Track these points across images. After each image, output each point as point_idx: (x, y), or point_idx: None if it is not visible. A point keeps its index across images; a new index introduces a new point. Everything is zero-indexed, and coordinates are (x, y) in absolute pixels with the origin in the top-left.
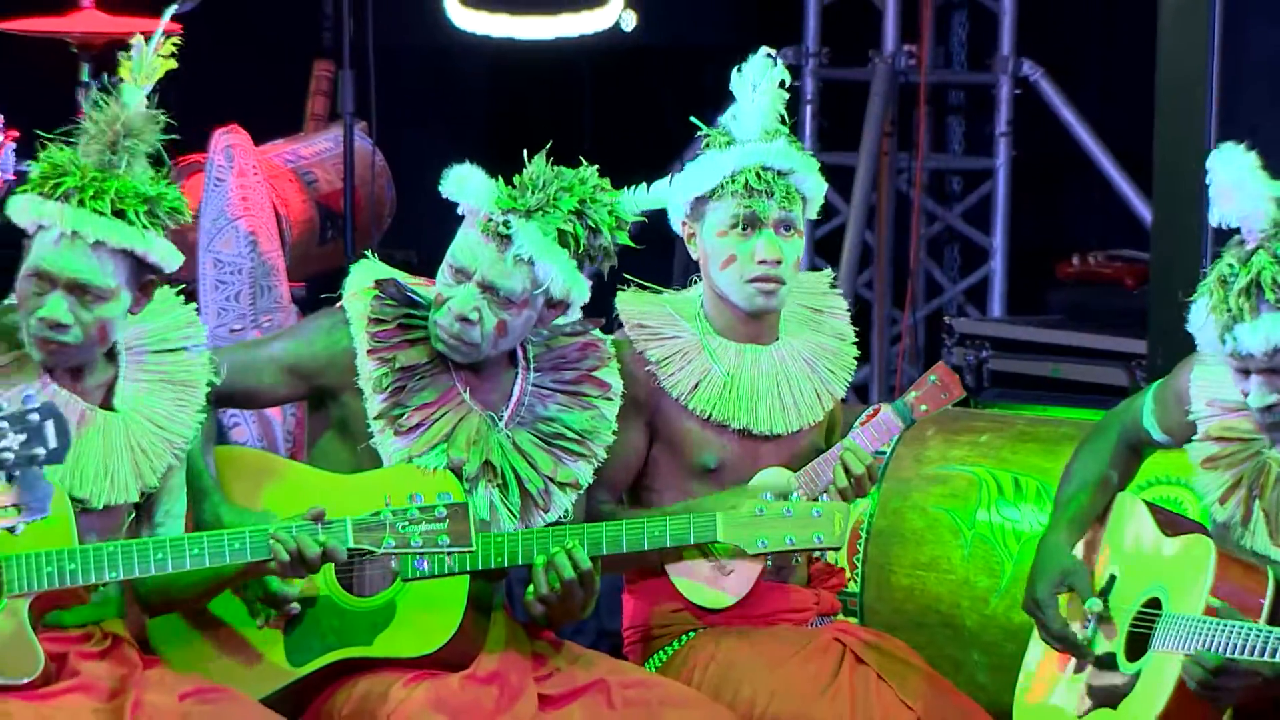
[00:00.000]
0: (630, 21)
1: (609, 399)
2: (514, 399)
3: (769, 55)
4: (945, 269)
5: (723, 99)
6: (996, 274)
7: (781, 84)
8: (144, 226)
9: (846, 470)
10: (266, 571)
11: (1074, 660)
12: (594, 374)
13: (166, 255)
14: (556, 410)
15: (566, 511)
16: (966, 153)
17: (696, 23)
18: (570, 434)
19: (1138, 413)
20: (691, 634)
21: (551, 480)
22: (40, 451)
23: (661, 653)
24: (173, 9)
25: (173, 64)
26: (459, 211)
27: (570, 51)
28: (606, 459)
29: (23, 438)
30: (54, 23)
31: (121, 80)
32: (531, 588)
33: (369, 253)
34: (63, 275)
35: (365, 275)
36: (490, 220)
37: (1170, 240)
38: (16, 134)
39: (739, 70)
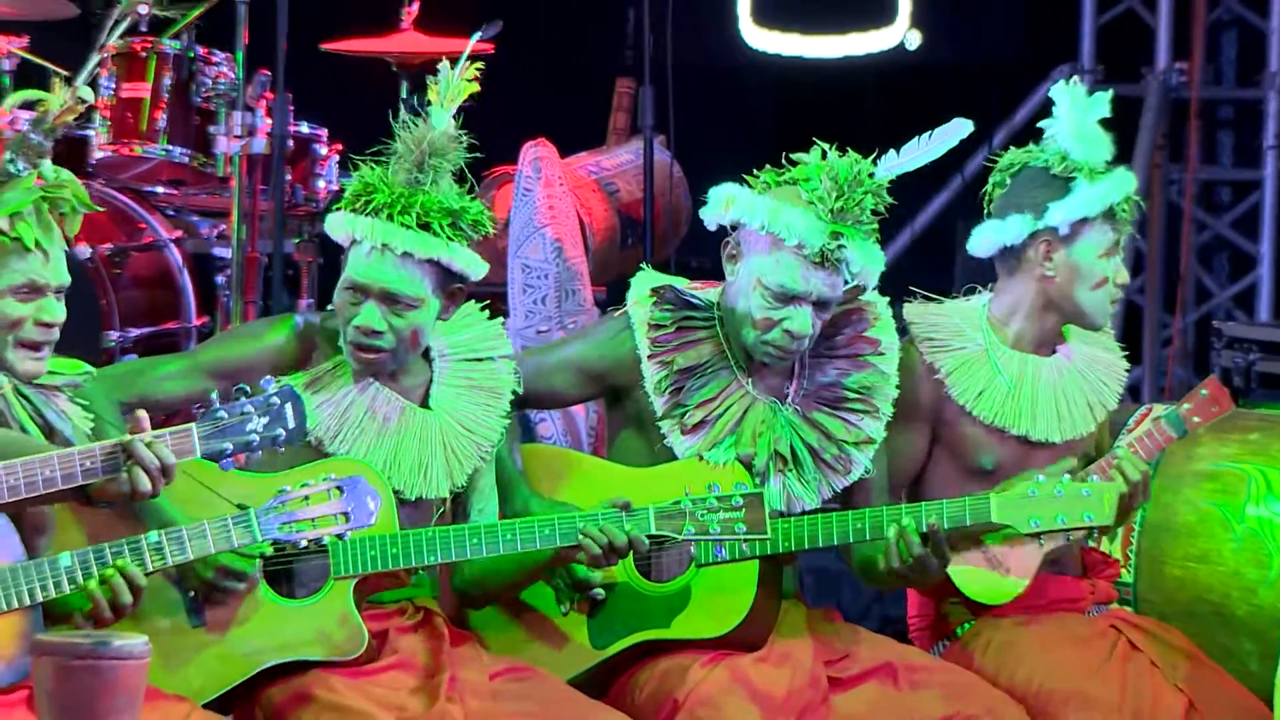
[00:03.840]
0: (915, 40)
1: (882, 354)
2: (795, 378)
3: (1078, 80)
4: (1214, 275)
5: (1004, 114)
6: (1264, 280)
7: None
8: (448, 238)
9: (1124, 477)
10: (574, 559)
11: None
12: (864, 334)
13: (471, 264)
14: (835, 375)
15: (867, 469)
16: (1235, 165)
17: (978, 41)
18: (852, 394)
19: None
20: (971, 622)
21: (845, 442)
22: (280, 433)
23: (945, 639)
24: (476, 37)
25: (475, 88)
26: (742, 234)
27: (856, 69)
28: (890, 461)
29: (265, 420)
30: (375, 43)
31: (429, 103)
32: (882, 561)
33: (644, 265)
34: (375, 286)
35: (646, 283)
36: (823, 251)
37: None
38: (340, 148)
39: (1060, 92)
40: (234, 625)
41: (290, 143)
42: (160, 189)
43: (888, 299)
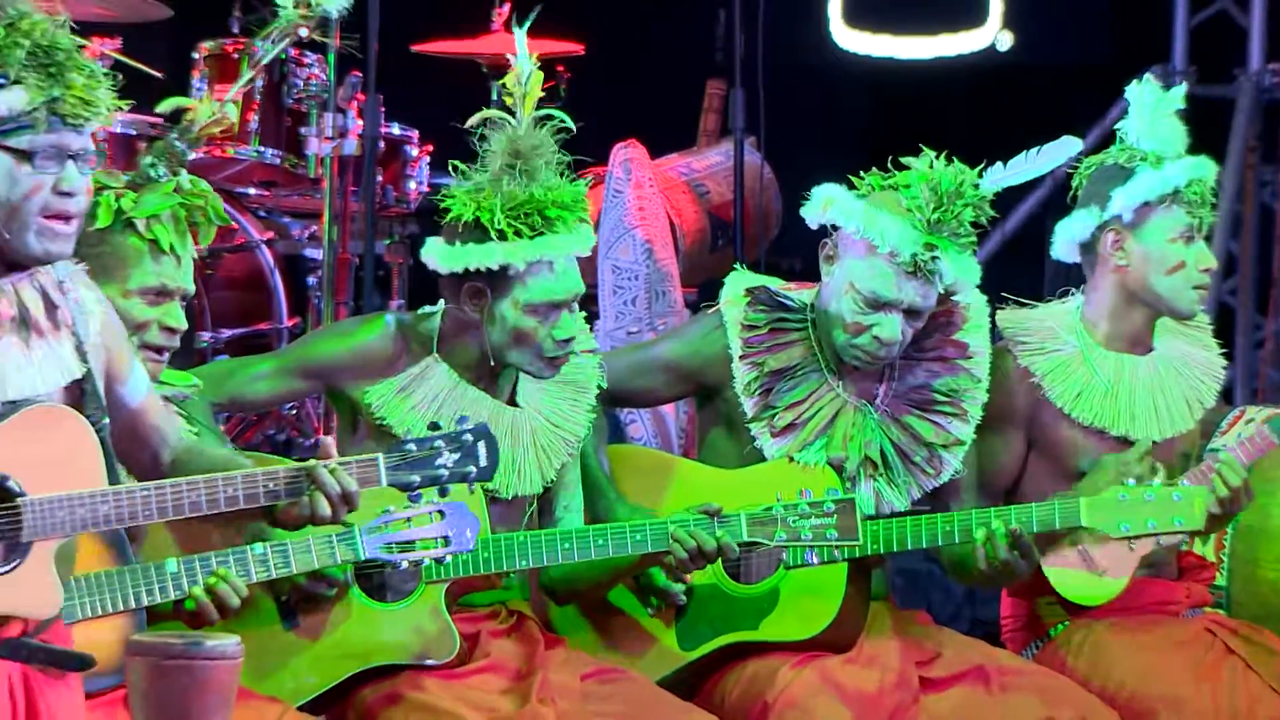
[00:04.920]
0: (1006, 41)
1: (970, 357)
2: (885, 381)
3: (1153, 78)
4: None
5: (1094, 116)
6: None
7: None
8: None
9: (1225, 482)
10: (663, 563)
11: None
12: (952, 337)
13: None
14: (924, 377)
15: (957, 470)
16: None
17: (1069, 43)
18: (941, 396)
19: None
20: (1065, 624)
21: (934, 445)
22: (471, 470)
23: (1038, 641)
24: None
25: (540, 91)
26: (839, 236)
27: (947, 71)
28: (987, 466)
29: (457, 456)
30: (466, 44)
31: (513, 105)
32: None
33: (738, 265)
34: (572, 295)
35: (739, 284)
36: (916, 260)
37: None
38: (431, 149)
39: (1136, 90)
40: (326, 629)
41: (381, 144)
42: (252, 190)
43: (985, 296)
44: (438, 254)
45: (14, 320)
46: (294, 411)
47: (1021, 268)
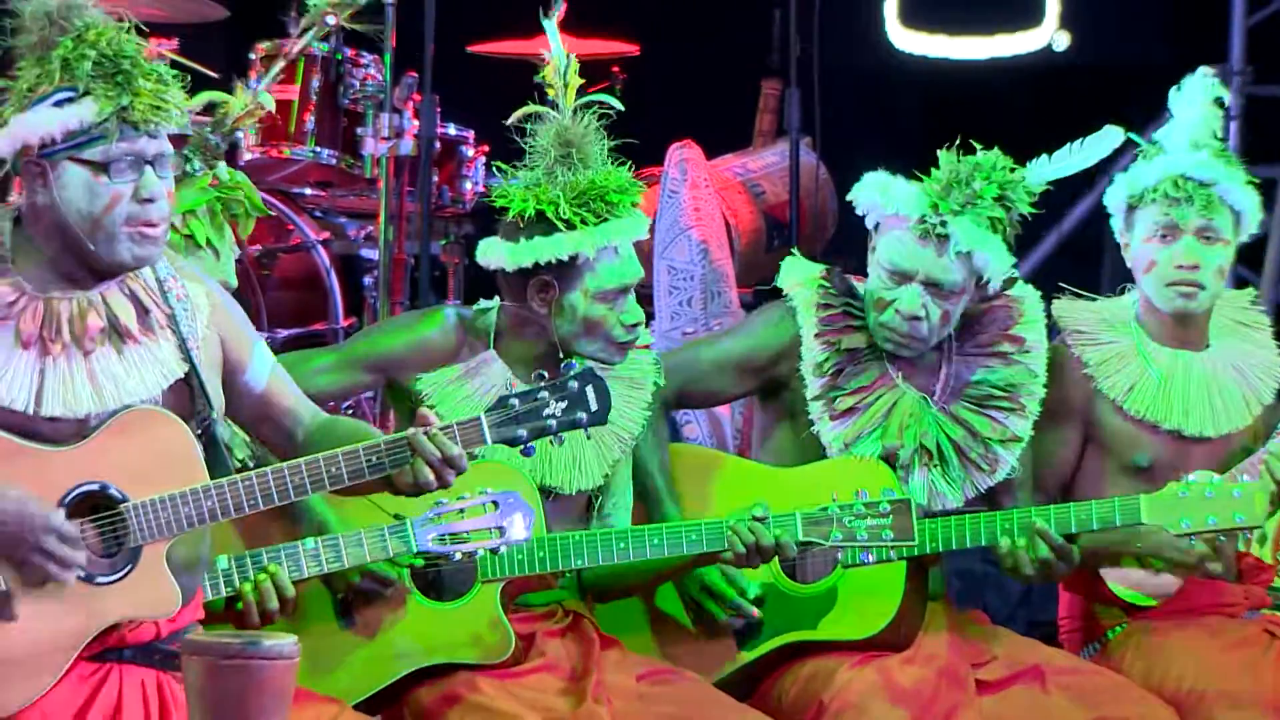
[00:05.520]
0: (1062, 42)
1: (1028, 351)
2: (943, 374)
3: (1206, 73)
4: None
5: (1151, 116)
6: None
7: (1218, 101)
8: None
9: (1274, 476)
10: (719, 562)
11: None
12: (1009, 331)
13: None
14: (982, 373)
15: (1013, 468)
16: None
17: (1126, 42)
18: (998, 391)
19: None
20: (1124, 625)
21: (990, 440)
22: (581, 415)
23: (1095, 642)
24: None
25: (579, 81)
26: (871, 218)
27: (1003, 71)
28: (1043, 460)
29: (564, 404)
30: (522, 45)
31: (552, 99)
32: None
33: (794, 250)
34: (635, 279)
35: (794, 273)
36: (925, 223)
37: None
38: (487, 149)
39: (1177, 88)
40: (382, 628)
41: (437, 144)
42: (308, 190)
43: (1040, 293)
44: (503, 252)
45: (104, 331)
46: (350, 409)
47: (1079, 268)
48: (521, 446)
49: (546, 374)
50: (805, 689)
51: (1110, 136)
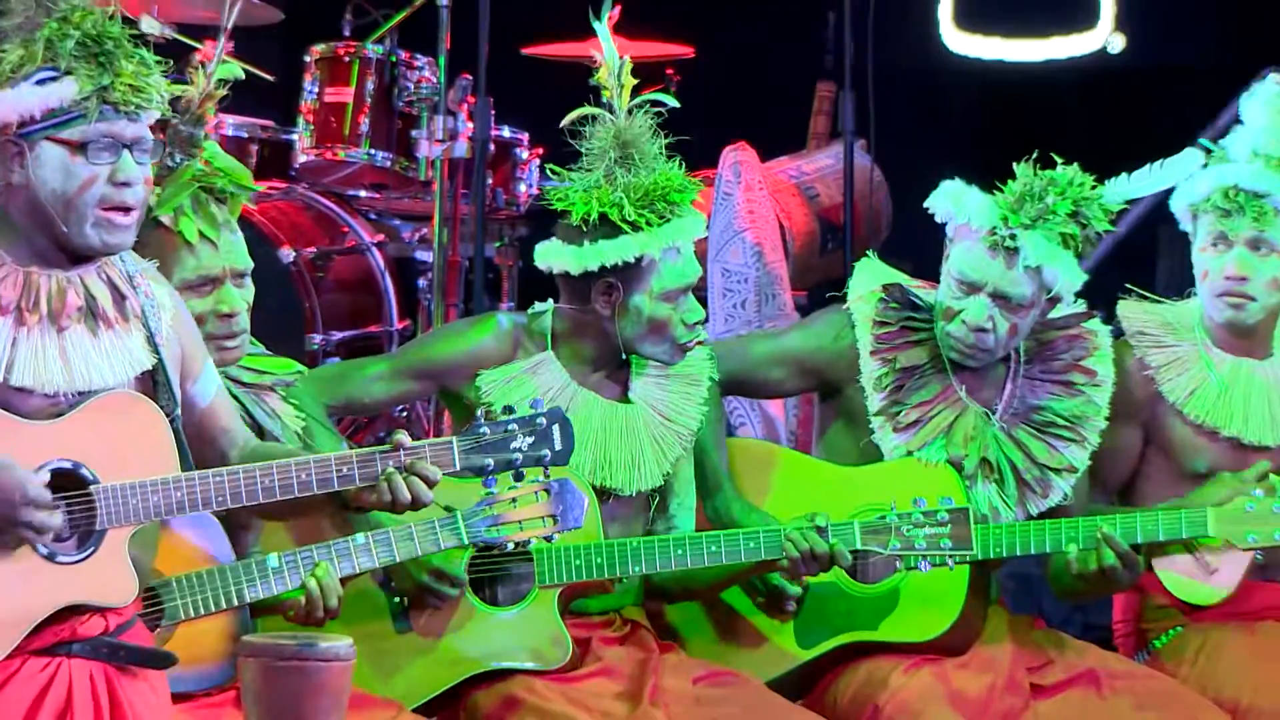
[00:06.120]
0: (1117, 44)
1: (1097, 385)
2: (1007, 393)
3: (1276, 80)
4: None
5: (1207, 119)
6: None
7: None
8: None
9: None
10: (777, 569)
11: None
12: (1081, 363)
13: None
14: (1048, 399)
15: (1066, 496)
16: None
17: (1183, 43)
18: (1061, 420)
19: None
20: (1179, 629)
21: (1046, 467)
22: (546, 453)
23: (1150, 646)
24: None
25: (633, 81)
26: (948, 227)
27: (1058, 73)
28: (1102, 459)
29: (531, 440)
30: (576, 47)
31: (607, 100)
32: (1074, 567)
33: (870, 253)
34: (695, 278)
35: (868, 275)
36: (995, 235)
37: None
38: (541, 152)
39: (1249, 93)
40: (440, 631)
41: (491, 147)
42: (363, 193)
43: (1110, 329)
44: (567, 255)
45: (81, 310)
46: (405, 414)
47: (1133, 271)
48: (484, 478)
49: (514, 407)
50: (860, 692)
51: (1189, 158)
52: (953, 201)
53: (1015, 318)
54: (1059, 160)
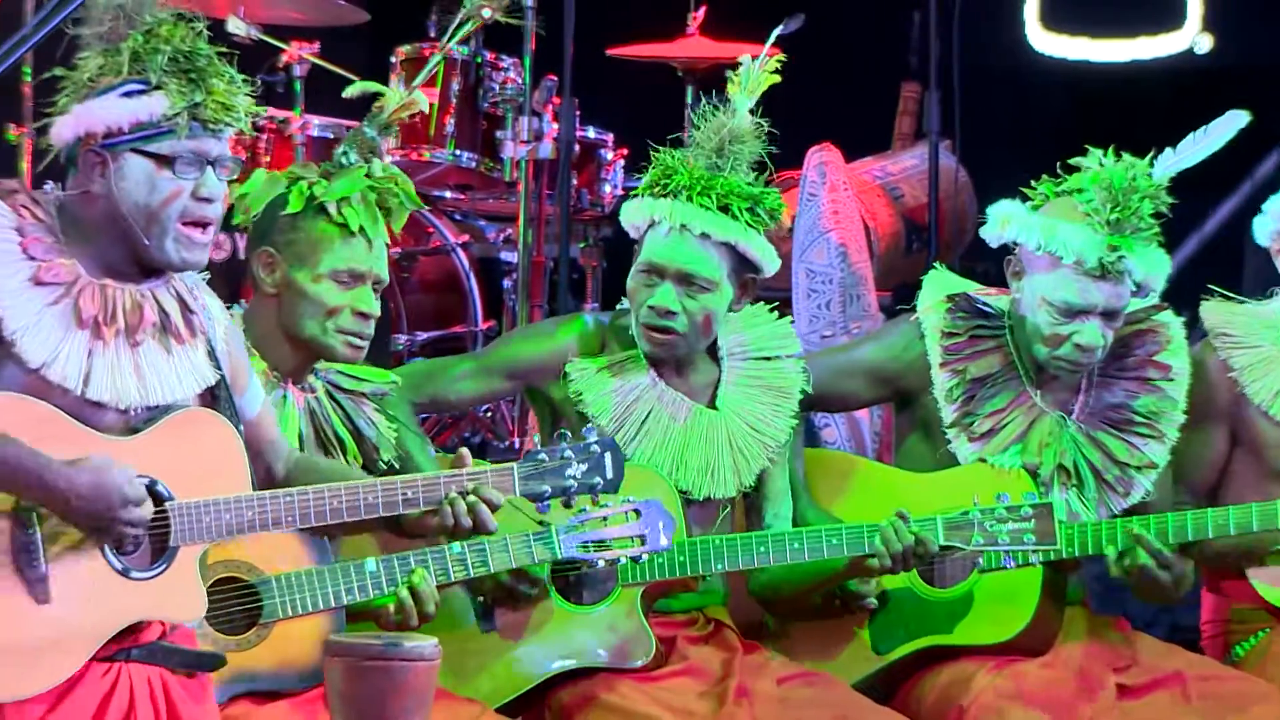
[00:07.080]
0: (1204, 44)
1: (1172, 380)
2: (1082, 393)
3: None
4: None
5: None
6: None
7: None
8: (746, 223)
9: None
10: (869, 568)
11: None
12: (1154, 358)
13: (766, 255)
14: (1124, 396)
15: (1148, 492)
16: None
17: (1271, 44)
18: (1139, 418)
19: None
20: (1267, 630)
21: (1127, 465)
22: (598, 481)
23: (1238, 648)
24: (777, 31)
25: (776, 79)
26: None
27: (1145, 73)
28: (1188, 462)
29: (585, 467)
30: (661, 48)
31: (729, 94)
32: (1113, 569)
33: (938, 264)
34: (671, 266)
35: (938, 286)
36: (1103, 263)
37: None
38: (625, 153)
39: None
40: (523, 631)
41: (576, 148)
42: (448, 194)
43: (1183, 319)
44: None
45: (155, 326)
46: (489, 414)
47: (1219, 272)
48: (539, 504)
49: (569, 434)
50: (944, 695)
51: (1233, 119)
52: (1044, 236)
53: (1117, 323)
54: (1095, 151)
